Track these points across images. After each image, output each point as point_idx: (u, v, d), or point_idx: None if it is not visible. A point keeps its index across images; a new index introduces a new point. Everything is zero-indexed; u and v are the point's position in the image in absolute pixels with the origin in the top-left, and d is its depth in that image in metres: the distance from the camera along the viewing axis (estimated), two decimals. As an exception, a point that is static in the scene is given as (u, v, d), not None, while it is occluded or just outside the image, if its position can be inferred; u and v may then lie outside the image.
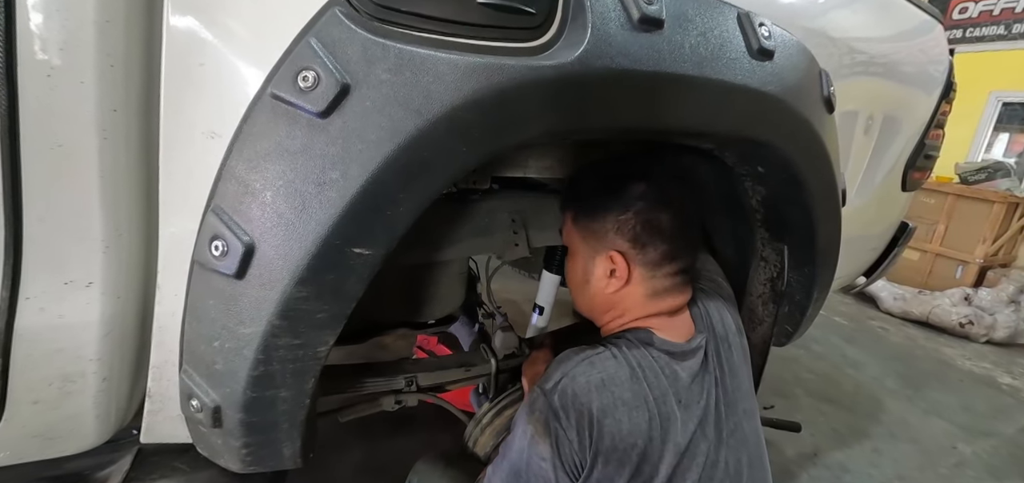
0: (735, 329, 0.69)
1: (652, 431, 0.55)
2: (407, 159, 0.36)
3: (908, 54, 0.95)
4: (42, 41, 0.34)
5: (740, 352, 0.68)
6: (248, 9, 0.37)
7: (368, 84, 0.35)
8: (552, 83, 0.38)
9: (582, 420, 0.53)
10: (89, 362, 0.42)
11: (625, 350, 0.58)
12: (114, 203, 0.39)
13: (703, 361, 0.62)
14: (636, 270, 0.62)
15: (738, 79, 0.50)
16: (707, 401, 0.60)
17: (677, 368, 0.59)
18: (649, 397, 0.56)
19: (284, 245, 0.37)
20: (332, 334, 0.40)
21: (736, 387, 0.64)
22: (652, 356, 0.59)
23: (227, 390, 0.40)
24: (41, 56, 0.34)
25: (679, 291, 0.64)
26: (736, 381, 0.65)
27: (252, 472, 0.45)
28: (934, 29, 1.03)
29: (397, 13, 0.36)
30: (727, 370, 0.64)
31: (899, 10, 0.93)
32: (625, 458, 0.53)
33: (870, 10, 0.86)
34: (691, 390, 0.60)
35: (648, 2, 0.43)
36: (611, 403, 0.54)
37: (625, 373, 0.56)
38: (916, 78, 0.98)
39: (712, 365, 0.63)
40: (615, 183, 0.64)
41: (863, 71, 0.84)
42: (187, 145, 0.38)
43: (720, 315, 0.68)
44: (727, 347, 0.66)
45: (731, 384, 0.64)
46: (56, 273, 0.39)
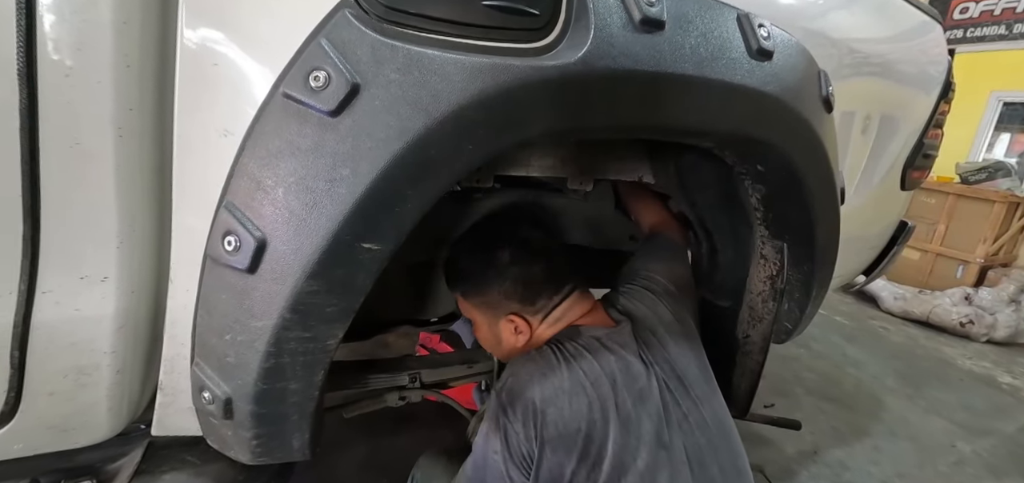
0: (672, 319, 0.73)
1: (593, 413, 0.59)
2: (415, 157, 0.37)
3: (907, 54, 0.96)
4: (60, 42, 0.35)
5: (683, 340, 0.71)
6: (260, 11, 0.38)
7: (377, 84, 0.36)
8: (556, 83, 0.39)
9: (527, 412, 0.58)
10: (103, 355, 0.43)
11: (558, 345, 0.65)
12: (129, 200, 0.40)
13: (636, 350, 0.66)
14: (533, 319, 0.72)
15: (738, 79, 0.51)
16: (646, 385, 0.63)
17: (607, 354, 0.64)
18: (586, 382, 0.60)
19: (295, 240, 0.38)
20: (341, 327, 0.41)
21: (682, 373, 0.67)
22: (582, 343, 0.65)
23: (238, 382, 0.41)
24: (59, 57, 0.35)
25: (579, 303, 0.73)
26: (681, 367, 0.67)
27: (262, 463, 0.46)
28: (933, 30, 1.04)
29: (405, 14, 0.37)
30: (664, 356, 0.67)
31: (898, 11, 0.94)
32: (571, 443, 0.57)
33: (869, 11, 0.87)
34: (627, 375, 0.63)
35: (650, 4, 0.44)
36: (552, 392, 0.59)
37: (562, 364, 0.62)
38: (915, 78, 0.98)
39: (644, 352, 0.67)
40: (487, 256, 0.73)
41: (862, 71, 0.84)
42: (201, 143, 0.39)
43: (646, 307, 0.73)
44: (658, 336, 0.69)
45: (672, 369, 0.66)
46: (72, 268, 0.40)
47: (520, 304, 0.71)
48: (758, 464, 1.43)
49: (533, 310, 0.71)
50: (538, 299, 0.71)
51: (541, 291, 0.71)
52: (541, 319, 0.72)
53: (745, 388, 0.95)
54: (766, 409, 1.76)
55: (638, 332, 0.69)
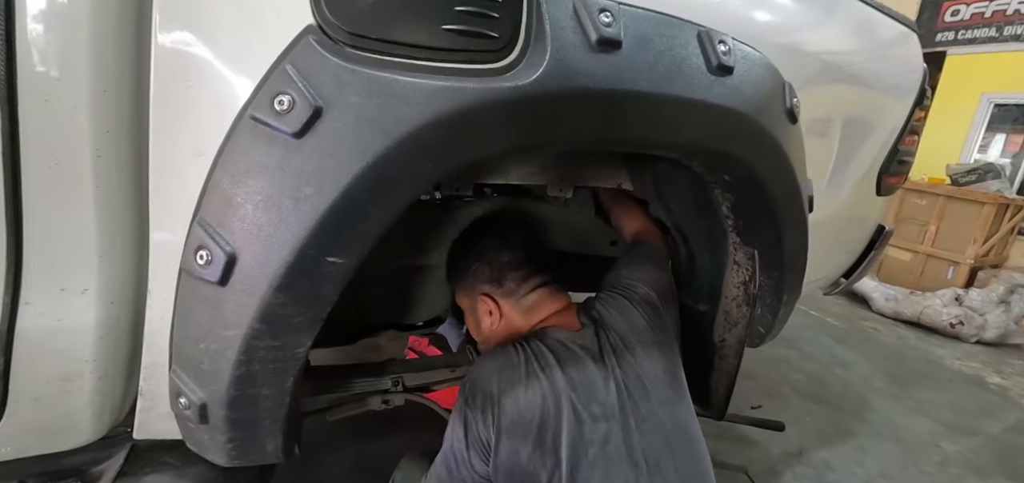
0: (646, 325, 0.75)
1: (546, 404, 0.63)
2: (375, 175, 0.39)
3: (882, 64, 0.98)
4: (39, 69, 0.37)
5: (653, 347, 0.74)
6: (230, 36, 0.40)
7: (339, 107, 0.38)
8: (511, 103, 0.41)
9: (486, 402, 0.63)
10: (85, 363, 0.45)
11: (523, 343, 0.70)
12: (108, 216, 0.42)
13: (598, 352, 0.70)
14: (503, 302, 0.78)
15: (696, 95, 0.53)
16: (602, 386, 0.67)
17: (567, 353, 0.68)
18: (541, 376, 0.65)
19: (263, 254, 0.40)
20: (309, 336, 0.43)
21: (645, 377, 0.70)
22: (545, 344, 0.69)
23: (213, 388, 0.44)
24: (39, 82, 0.38)
25: (550, 299, 0.79)
26: (644, 372, 0.70)
27: (237, 465, 0.48)
28: (909, 39, 1.06)
29: (367, 40, 0.40)
30: (629, 361, 0.70)
31: (873, 23, 0.96)
32: (526, 430, 0.62)
33: (844, 24, 0.89)
34: (584, 373, 0.67)
35: (607, 24, 0.46)
36: (509, 383, 0.63)
37: (521, 358, 0.67)
38: (889, 86, 1.01)
39: (607, 356, 0.70)
40: (468, 243, 0.84)
41: (835, 82, 0.87)
42: (175, 162, 0.42)
43: (620, 314, 0.76)
44: (626, 342, 0.72)
45: (636, 374, 0.69)
46: (54, 280, 0.42)
47: (490, 284, 0.78)
48: (742, 464, 1.45)
49: (502, 292, 0.78)
50: (505, 281, 0.78)
51: (508, 274, 0.78)
52: (511, 304, 0.78)
53: (722, 390, 0.97)
54: (753, 410, 1.78)
55: (604, 337, 0.73)
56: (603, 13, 0.46)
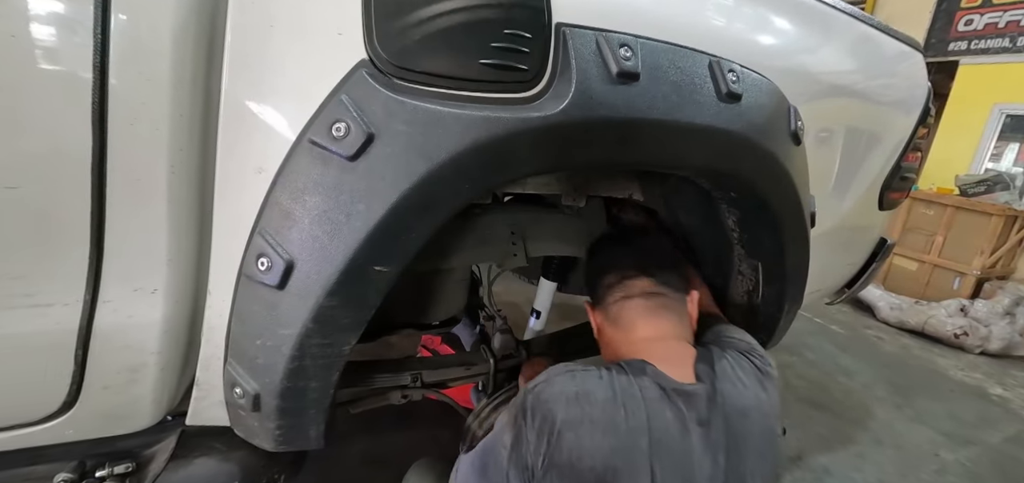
0: (763, 408, 0.60)
1: (614, 459, 0.51)
2: (419, 195, 0.44)
3: (885, 83, 1.01)
4: (127, 97, 0.42)
5: (764, 435, 0.59)
6: (291, 68, 0.45)
7: (389, 134, 0.43)
8: (539, 131, 0.46)
9: (544, 425, 0.53)
10: (151, 355, 0.50)
11: (615, 373, 0.57)
12: (177, 226, 0.47)
13: (706, 425, 0.56)
14: (597, 313, 0.73)
15: (706, 121, 0.57)
16: (695, 459, 0.54)
17: (665, 408, 0.55)
18: (623, 426, 0.53)
19: (318, 263, 0.45)
20: (355, 335, 0.48)
21: (744, 466, 0.56)
22: (640, 386, 0.56)
23: (266, 380, 0.49)
24: (126, 109, 0.43)
25: (646, 317, 0.66)
26: (747, 461, 0.56)
27: (282, 450, 0.53)
28: (912, 58, 1.10)
29: (413, 73, 0.44)
30: (735, 441, 0.56)
31: (876, 43, 0.99)
32: (579, 479, 0.51)
33: (847, 46, 0.92)
34: (674, 435, 0.54)
35: (626, 58, 0.51)
36: (578, 418, 0.52)
37: (604, 394, 0.54)
38: (893, 104, 1.04)
39: (715, 434, 0.56)
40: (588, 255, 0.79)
41: (839, 102, 0.90)
42: (238, 179, 0.47)
43: (745, 388, 0.60)
44: (743, 429, 0.57)
45: (736, 460, 0.56)
46: (128, 281, 0.47)
47: (590, 290, 0.76)
48: (744, 467, 1.49)
49: (595, 300, 0.74)
50: (597, 288, 0.73)
51: (599, 280, 0.73)
52: (602, 315, 0.72)
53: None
54: (755, 415, 1.81)
55: (719, 410, 0.56)
56: (623, 47, 0.51)
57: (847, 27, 0.92)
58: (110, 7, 0.40)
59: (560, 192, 0.95)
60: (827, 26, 0.88)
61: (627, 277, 0.70)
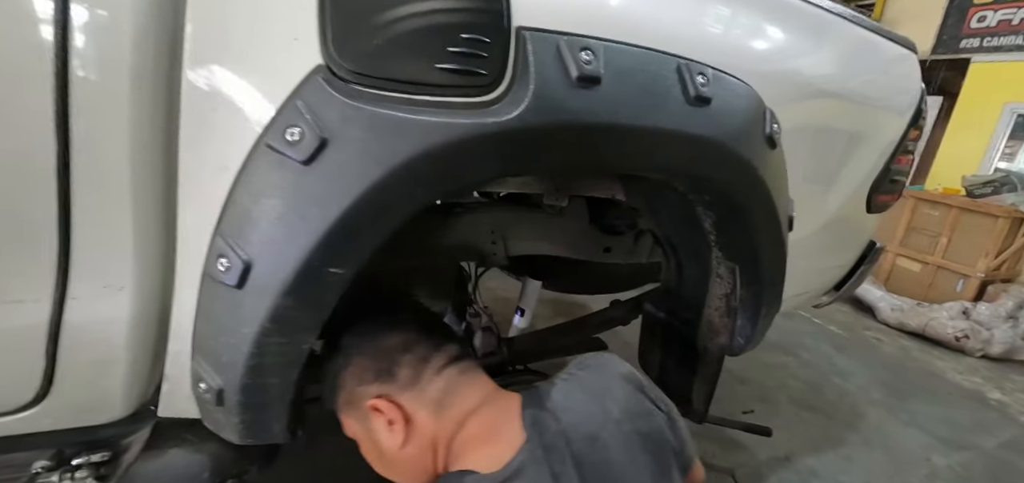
0: (613, 418, 0.53)
1: None
2: (372, 200, 0.44)
3: (874, 84, 1.00)
4: (88, 93, 0.43)
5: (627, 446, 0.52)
6: (250, 72, 0.46)
7: (343, 139, 0.44)
8: (495, 136, 0.46)
9: None
10: (120, 350, 0.52)
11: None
12: (143, 226, 0.48)
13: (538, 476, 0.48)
14: (402, 397, 0.56)
15: (672, 125, 0.57)
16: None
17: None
18: None
19: (274, 264, 0.45)
20: (313, 334, 0.49)
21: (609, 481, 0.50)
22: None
23: (229, 376, 0.50)
24: (87, 110, 0.44)
25: (468, 383, 0.57)
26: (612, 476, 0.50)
27: (247, 444, 0.55)
28: (906, 59, 1.08)
29: (367, 78, 0.45)
30: (593, 472, 0.50)
31: (866, 44, 0.97)
32: None
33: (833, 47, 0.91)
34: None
35: (587, 62, 0.51)
36: None
37: None
38: (882, 106, 1.02)
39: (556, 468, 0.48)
40: (335, 350, 0.62)
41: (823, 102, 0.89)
42: (200, 181, 0.48)
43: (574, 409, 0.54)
44: (589, 444, 0.51)
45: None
46: (96, 279, 0.48)
47: (379, 381, 0.57)
48: (729, 467, 1.50)
49: (396, 384, 0.56)
50: (399, 367, 0.56)
51: (401, 357, 0.57)
52: (411, 396, 0.56)
53: (703, 395, 1.02)
54: (745, 415, 1.81)
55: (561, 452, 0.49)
56: (584, 51, 0.51)
57: (833, 27, 0.90)
58: (69, 9, 0.41)
59: (541, 191, 0.95)
60: (811, 27, 0.87)
61: (447, 340, 0.59)
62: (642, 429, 0.53)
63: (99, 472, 0.58)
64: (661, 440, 0.54)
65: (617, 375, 0.58)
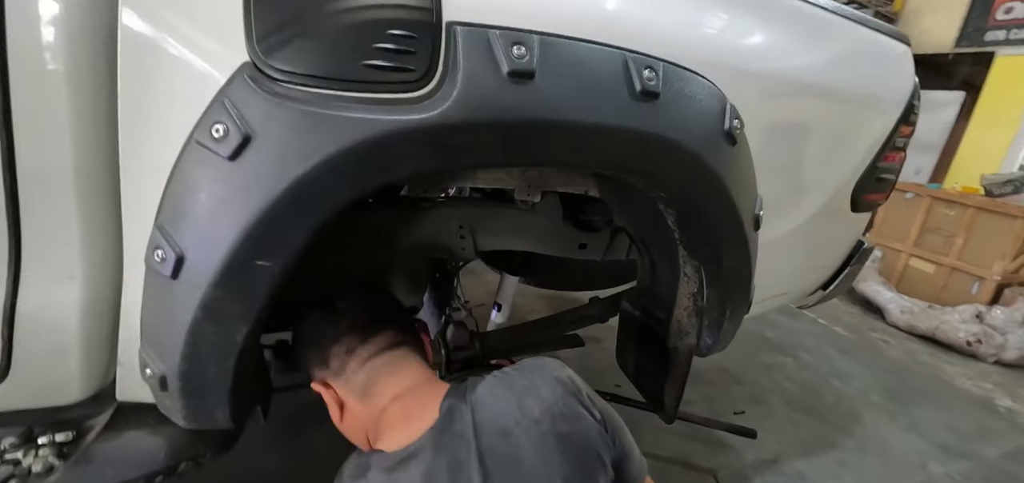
0: (531, 417, 0.54)
1: None
2: (294, 195, 0.45)
3: (858, 79, 0.96)
4: (28, 97, 0.45)
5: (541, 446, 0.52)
6: (182, 70, 0.47)
7: (266, 135, 0.45)
8: (417, 133, 0.47)
9: None
10: (73, 336, 0.54)
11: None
12: (89, 218, 0.51)
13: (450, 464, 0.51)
14: (335, 383, 0.62)
15: (614, 121, 0.56)
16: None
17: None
18: None
19: (204, 256, 0.47)
20: (245, 325, 0.51)
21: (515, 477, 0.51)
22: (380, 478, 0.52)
23: (169, 363, 0.52)
24: (28, 109, 0.46)
25: (392, 372, 0.61)
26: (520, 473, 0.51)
27: (193, 428, 0.57)
28: (894, 51, 1.04)
29: (292, 75, 0.45)
30: (500, 464, 0.51)
31: (850, 38, 0.94)
32: None
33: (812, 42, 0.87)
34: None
35: (519, 57, 0.50)
36: None
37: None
38: (867, 102, 0.99)
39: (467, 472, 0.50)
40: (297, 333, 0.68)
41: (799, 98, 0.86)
42: (141, 175, 0.49)
43: (494, 405, 0.55)
44: (502, 439, 0.52)
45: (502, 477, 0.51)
46: (46, 269, 0.51)
47: (317, 367, 0.63)
48: (711, 468, 1.48)
49: (330, 373, 0.62)
50: (331, 358, 0.62)
51: (331, 349, 0.62)
52: (345, 389, 0.61)
53: (673, 395, 1.01)
54: (735, 416, 1.79)
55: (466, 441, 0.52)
56: (516, 45, 0.50)
57: (812, 21, 0.87)
58: (5, 15, 0.43)
59: (513, 187, 0.95)
60: (787, 18, 0.84)
61: (374, 329, 0.62)
62: (562, 431, 0.54)
63: (62, 450, 0.61)
64: (585, 445, 0.55)
65: (550, 377, 0.59)
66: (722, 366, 2.17)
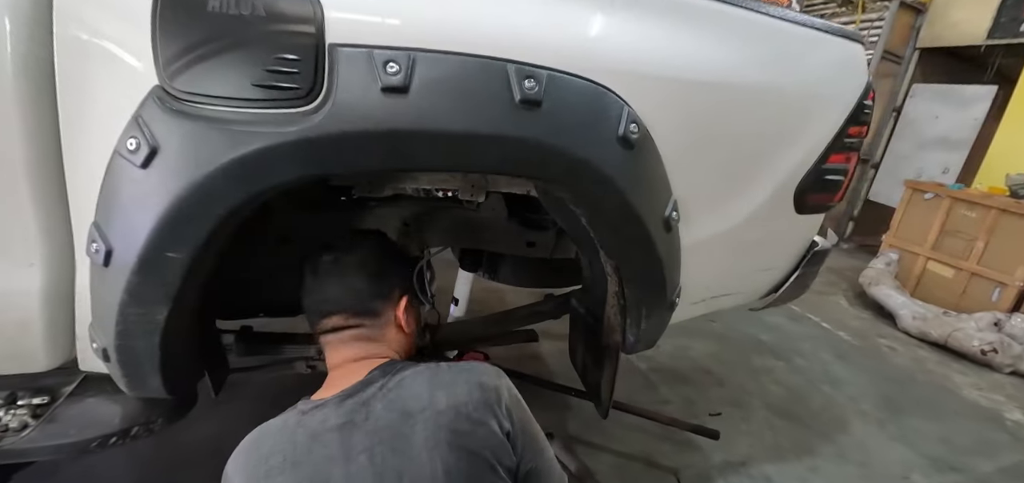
0: (436, 408, 0.59)
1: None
2: (192, 196, 0.54)
3: (793, 81, 0.96)
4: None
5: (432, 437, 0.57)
6: (109, 91, 0.56)
7: (168, 148, 0.53)
8: (293, 144, 0.54)
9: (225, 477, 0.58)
10: (35, 313, 0.65)
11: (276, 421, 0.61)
12: (42, 214, 0.61)
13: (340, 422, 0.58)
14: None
15: (492, 129, 0.62)
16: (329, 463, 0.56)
17: (299, 429, 0.59)
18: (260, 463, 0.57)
19: (126, 248, 0.56)
20: (165, 306, 0.60)
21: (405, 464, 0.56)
22: (279, 423, 0.61)
23: (108, 338, 0.62)
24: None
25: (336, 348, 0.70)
26: (412, 460, 0.56)
27: (134, 395, 0.67)
28: (840, 50, 1.03)
29: (194, 95, 0.54)
30: (394, 440, 0.57)
31: (785, 39, 0.94)
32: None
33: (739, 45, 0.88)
34: (303, 449, 0.57)
35: (393, 73, 0.57)
36: (243, 463, 0.58)
37: (243, 446, 0.60)
38: (804, 103, 0.99)
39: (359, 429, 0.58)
40: None
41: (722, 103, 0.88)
42: (81, 181, 0.59)
43: (409, 387, 0.61)
44: (403, 419, 0.58)
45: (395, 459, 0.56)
46: (8, 256, 0.62)
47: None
48: (674, 467, 1.49)
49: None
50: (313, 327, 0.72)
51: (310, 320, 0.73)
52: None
53: (607, 391, 1.05)
54: (711, 417, 1.78)
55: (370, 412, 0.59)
56: (390, 64, 0.57)
57: (739, 22, 0.88)
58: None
59: (457, 188, 1.02)
60: (709, 23, 0.85)
61: (322, 315, 0.71)
62: (459, 428, 0.58)
63: (36, 412, 0.73)
64: (478, 448, 0.58)
65: (474, 381, 0.63)
66: (707, 368, 2.16)
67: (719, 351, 2.31)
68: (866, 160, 4.64)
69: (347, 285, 0.72)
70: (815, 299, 3.21)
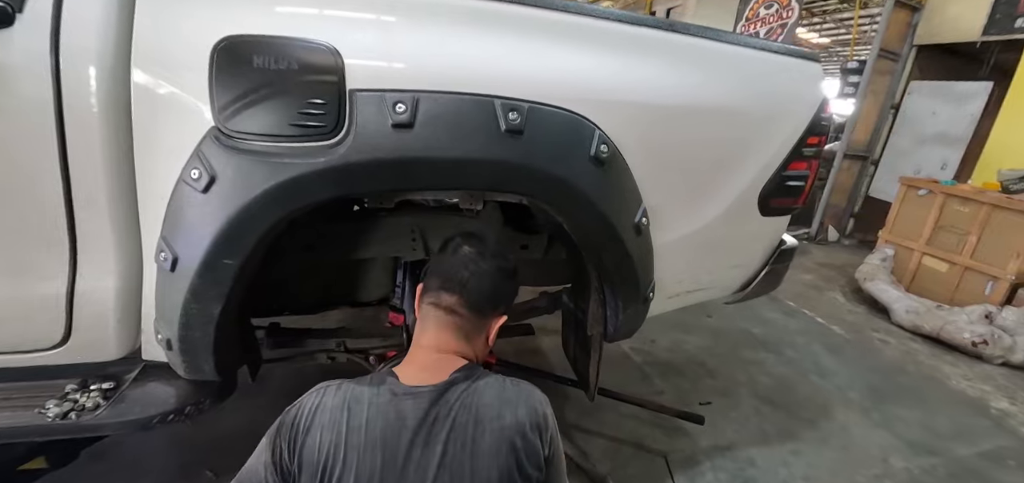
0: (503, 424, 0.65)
1: (335, 451, 0.61)
2: (243, 213, 0.68)
3: (751, 100, 1.07)
4: (75, 150, 0.70)
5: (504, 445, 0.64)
6: (175, 131, 0.71)
7: (224, 176, 0.67)
8: (323, 171, 0.68)
9: (292, 433, 0.63)
10: (111, 312, 0.80)
11: (352, 385, 0.67)
12: (119, 231, 0.76)
13: (422, 414, 0.64)
14: (419, 297, 0.78)
15: (482, 154, 0.75)
16: (404, 450, 0.61)
17: (390, 409, 0.64)
18: (344, 426, 0.62)
19: (190, 257, 0.71)
20: (219, 304, 0.74)
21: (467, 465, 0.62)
22: (372, 393, 0.65)
23: (172, 330, 0.76)
24: (76, 157, 0.71)
25: (439, 326, 0.74)
26: (475, 461, 0.62)
27: (191, 378, 0.81)
28: (802, 71, 1.14)
29: (243, 133, 0.68)
30: (461, 441, 0.63)
31: (743, 63, 1.06)
32: (314, 470, 0.61)
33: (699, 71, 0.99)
34: (392, 430, 0.62)
35: (400, 112, 0.70)
36: (315, 424, 0.63)
37: (336, 402, 0.64)
38: (765, 118, 1.10)
39: (438, 423, 0.64)
40: None
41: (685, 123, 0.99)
42: (151, 202, 0.74)
43: (484, 397, 0.67)
44: (474, 424, 0.65)
45: (462, 456, 0.62)
46: (94, 265, 0.77)
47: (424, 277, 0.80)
48: (664, 451, 1.60)
49: (423, 292, 0.78)
50: (425, 285, 0.77)
51: (427, 281, 0.78)
52: (419, 307, 0.78)
53: (592, 376, 1.17)
54: (701, 405, 1.89)
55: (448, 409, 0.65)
56: (399, 104, 0.71)
57: (697, 50, 1.00)
58: (62, 94, 0.68)
59: (457, 198, 1.15)
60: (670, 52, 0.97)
61: (443, 288, 0.75)
62: (516, 445, 0.66)
63: (105, 394, 0.88)
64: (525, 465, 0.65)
65: (532, 405, 0.70)
66: (700, 360, 2.26)
67: (713, 345, 2.41)
68: (866, 157, 4.69)
69: (479, 280, 0.76)
70: (811, 294, 3.29)
